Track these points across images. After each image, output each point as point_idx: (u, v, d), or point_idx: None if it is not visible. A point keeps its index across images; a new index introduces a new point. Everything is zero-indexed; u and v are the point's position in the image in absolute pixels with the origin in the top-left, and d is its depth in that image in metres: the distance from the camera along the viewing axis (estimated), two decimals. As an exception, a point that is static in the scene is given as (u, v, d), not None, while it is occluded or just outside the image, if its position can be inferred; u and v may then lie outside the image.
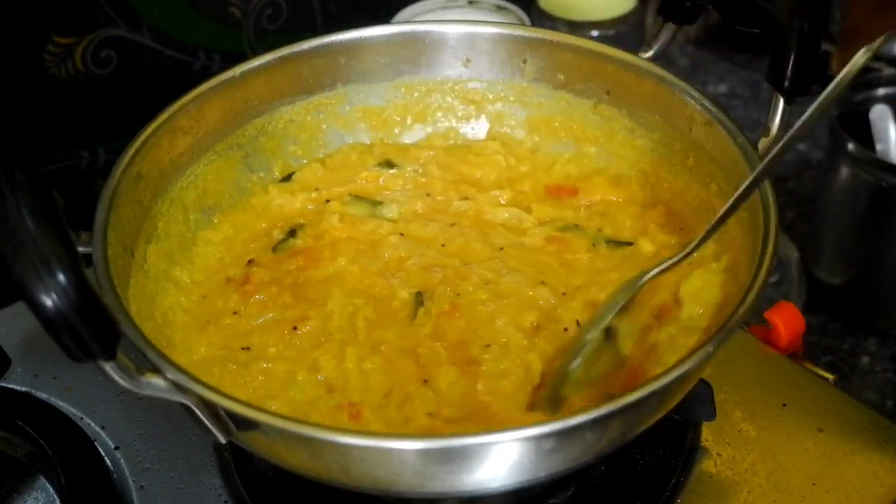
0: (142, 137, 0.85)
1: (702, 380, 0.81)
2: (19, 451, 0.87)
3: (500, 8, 1.32)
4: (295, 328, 0.83)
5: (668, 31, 0.92)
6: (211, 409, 0.67)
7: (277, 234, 0.93)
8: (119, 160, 0.82)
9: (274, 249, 0.91)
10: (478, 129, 1.04)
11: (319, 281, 0.88)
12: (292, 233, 0.93)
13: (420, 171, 1.00)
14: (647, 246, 0.89)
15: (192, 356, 0.81)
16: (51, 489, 0.85)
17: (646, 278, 0.81)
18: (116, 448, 0.88)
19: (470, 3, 1.33)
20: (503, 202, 0.96)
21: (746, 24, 0.83)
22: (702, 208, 0.89)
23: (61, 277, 0.56)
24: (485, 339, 0.82)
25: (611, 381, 0.77)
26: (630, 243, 0.90)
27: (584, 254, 0.90)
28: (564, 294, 0.85)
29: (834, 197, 1.22)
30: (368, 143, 1.03)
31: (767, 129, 0.82)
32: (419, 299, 0.85)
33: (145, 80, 1.19)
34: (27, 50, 1.10)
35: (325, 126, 1.01)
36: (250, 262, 0.89)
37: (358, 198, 0.97)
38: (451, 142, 1.03)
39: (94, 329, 0.58)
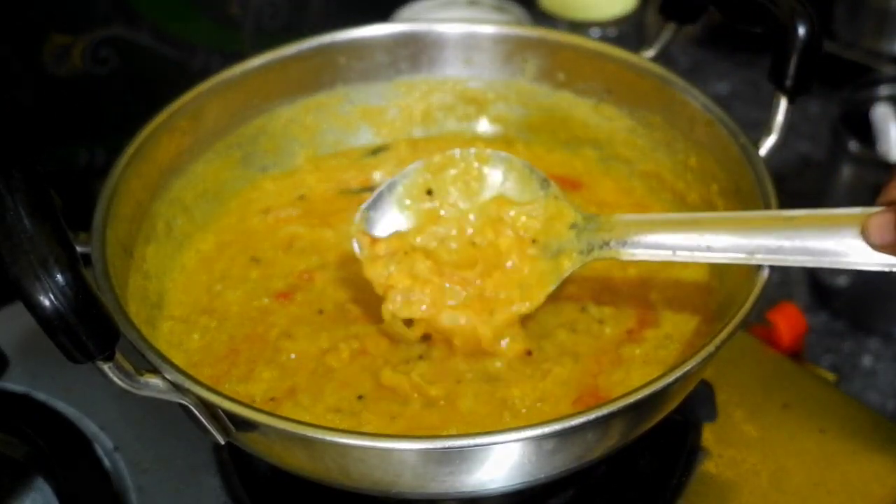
0: (141, 137, 0.85)
1: (703, 380, 0.81)
2: (17, 451, 0.87)
3: (500, 7, 1.31)
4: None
5: (669, 30, 0.92)
6: (210, 409, 0.67)
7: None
8: (118, 160, 0.82)
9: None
10: (479, 128, 1.04)
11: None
12: None
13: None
14: None
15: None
16: (49, 490, 0.85)
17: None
18: (115, 449, 0.87)
19: (470, 2, 1.33)
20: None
21: (748, 23, 0.83)
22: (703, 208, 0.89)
23: (59, 277, 0.56)
24: None
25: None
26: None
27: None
28: None
29: (835, 196, 1.22)
30: (368, 143, 1.03)
31: (769, 129, 0.82)
32: None
33: (144, 80, 1.19)
34: (26, 49, 1.10)
35: (325, 126, 1.01)
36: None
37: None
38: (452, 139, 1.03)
39: (93, 329, 0.58)
